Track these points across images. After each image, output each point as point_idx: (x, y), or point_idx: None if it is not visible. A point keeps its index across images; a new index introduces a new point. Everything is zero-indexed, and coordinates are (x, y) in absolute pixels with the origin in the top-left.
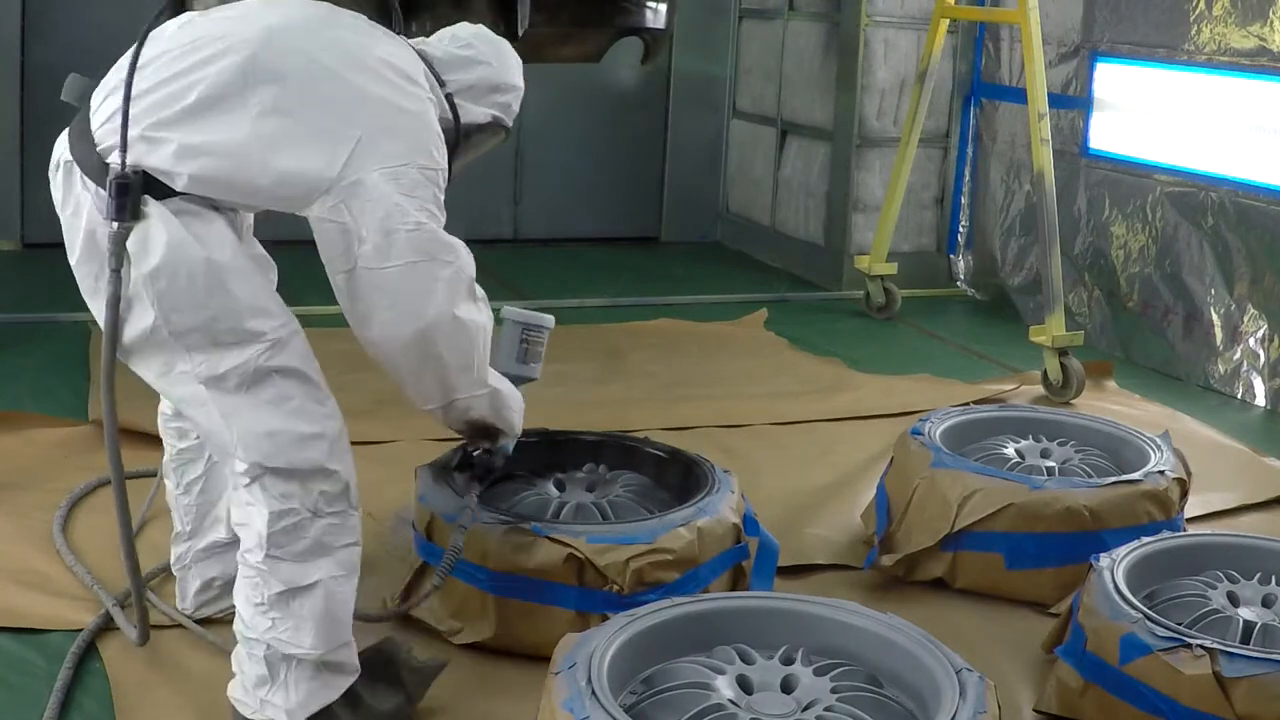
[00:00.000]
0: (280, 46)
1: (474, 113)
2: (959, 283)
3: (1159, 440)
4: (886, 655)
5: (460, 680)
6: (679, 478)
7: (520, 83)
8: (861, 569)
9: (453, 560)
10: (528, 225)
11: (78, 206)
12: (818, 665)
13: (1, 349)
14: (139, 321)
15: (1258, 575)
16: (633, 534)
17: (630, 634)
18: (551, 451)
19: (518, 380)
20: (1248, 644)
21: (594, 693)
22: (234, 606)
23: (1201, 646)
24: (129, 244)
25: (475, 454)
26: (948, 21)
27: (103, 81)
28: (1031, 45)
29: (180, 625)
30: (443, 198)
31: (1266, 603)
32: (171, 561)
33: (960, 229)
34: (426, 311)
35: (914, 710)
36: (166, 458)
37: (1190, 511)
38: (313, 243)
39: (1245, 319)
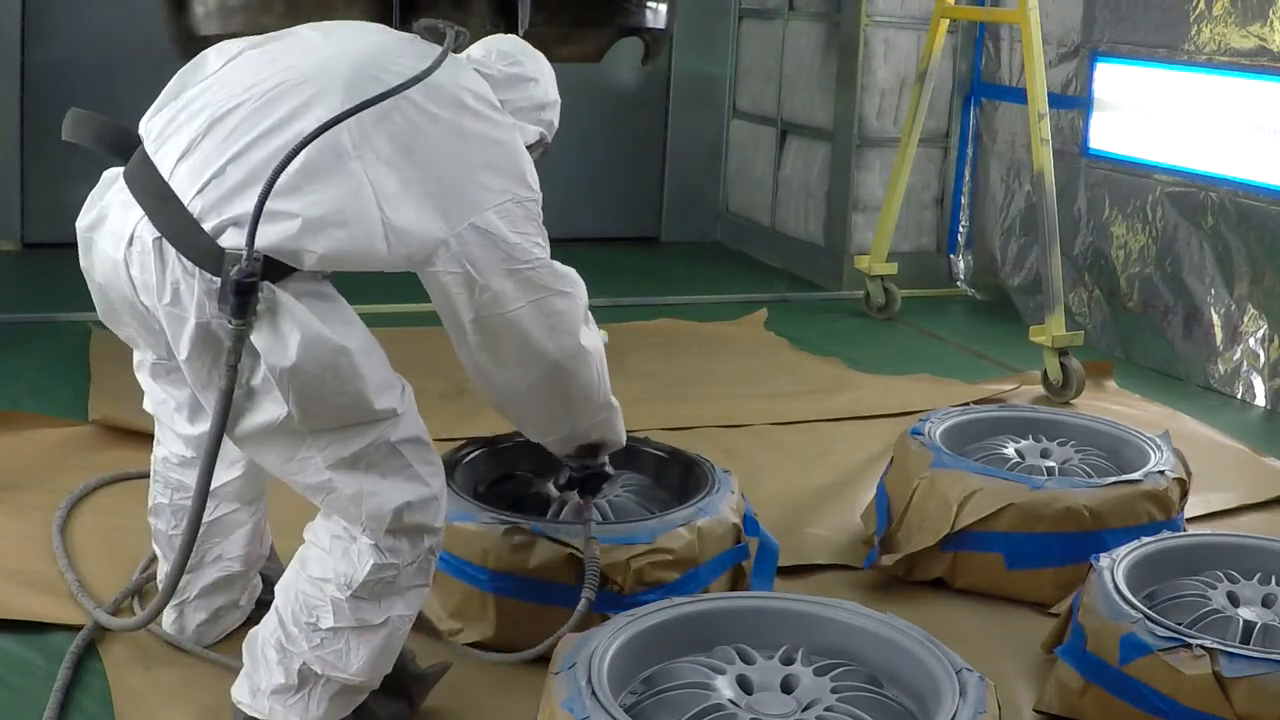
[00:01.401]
0: (370, 87)
1: (528, 133)
2: (959, 283)
3: (1159, 440)
4: (886, 655)
5: (460, 680)
6: (679, 478)
7: (558, 98)
8: (861, 569)
9: (595, 576)
10: None
11: (177, 294)
12: (818, 665)
13: (1, 349)
14: (265, 414)
15: (1258, 575)
16: (633, 534)
17: (630, 634)
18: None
19: None
20: (1248, 644)
21: (594, 693)
22: (231, 625)
23: (1201, 646)
24: (254, 338)
25: (580, 471)
26: (948, 21)
27: (163, 130)
28: (1031, 45)
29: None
30: (542, 224)
31: (1266, 603)
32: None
33: (960, 229)
34: (555, 347)
35: (914, 710)
36: (164, 500)
37: (1190, 511)
38: None
39: (1245, 319)
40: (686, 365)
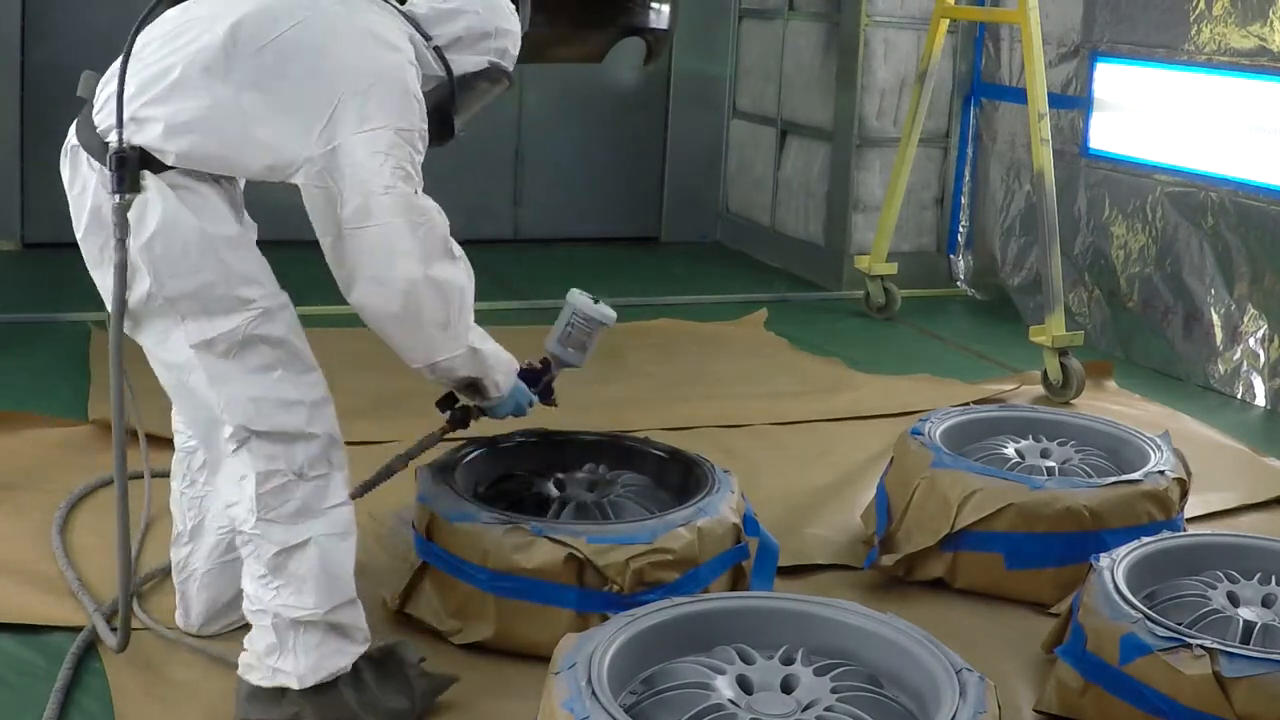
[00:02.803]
0: (261, 21)
1: (467, 63)
2: (959, 283)
3: (1159, 440)
4: (886, 655)
5: (461, 680)
6: (679, 478)
7: (513, 26)
8: (861, 569)
9: (380, 479)
10: (528, 225)
11: (84, 186)
12: (818, 665)
13: (1, 349)
14: (137, 289)
15: (1258, 575)
16: (633, 534)
17: (630, 634)
18: (551, 451)
19: (559, 362)
20: (1248, 644)
21: (594, 693)
22: (237, 620)
23: (1201, 646)
24: (130, 215)
25: (458, 405)
26: (948, 21)
27: (108, 70)
28: (1031, 45)
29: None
30: (420, 159)
31: (1266, 603)
32: (172, 567)
33: (960, 229)
34: (401, 272)
35: (914, 710)
36: (178, 446)
37: (1190, 511)
38: (312, 243)
39: (1245, 319)
40: (686, 365)
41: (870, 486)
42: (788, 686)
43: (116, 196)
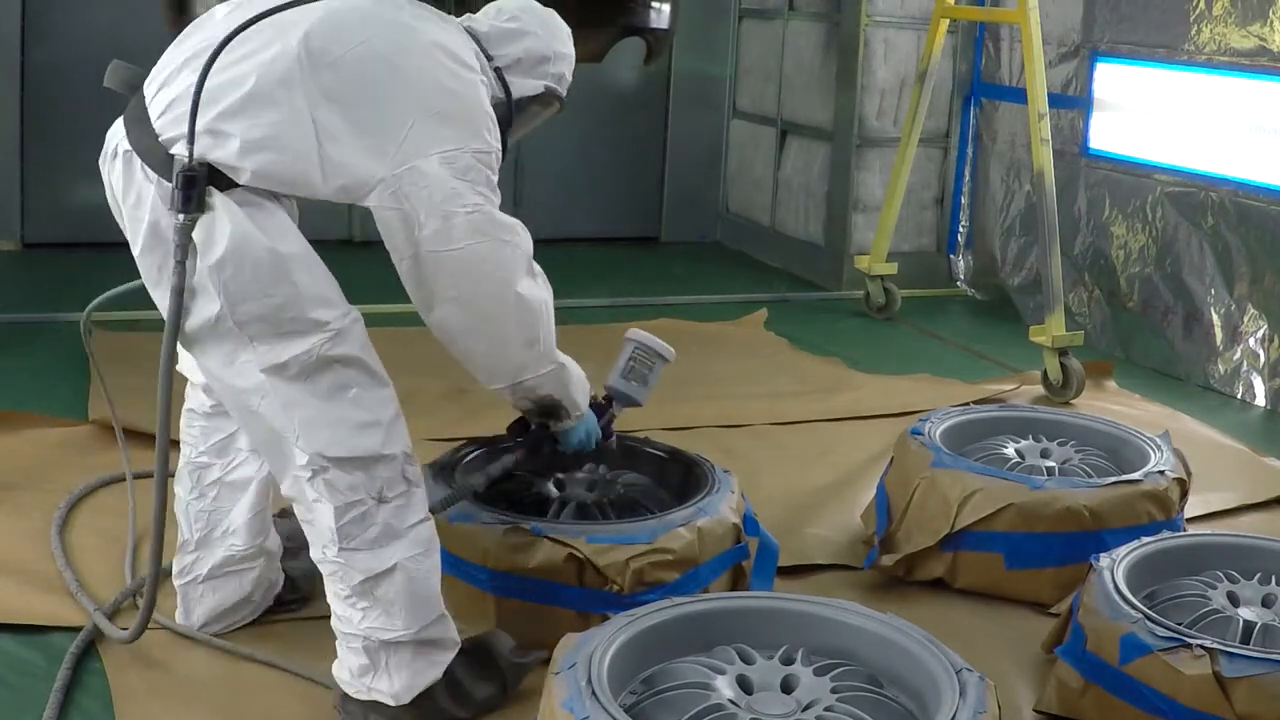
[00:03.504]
0: (333, 33)
1: (525, 86)
2: (959, 283)
3: (1159, 440)
4: (886, 655)
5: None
6: (679, 478)
7: (569, 50)
8: (861, 569)
9: (459, 497)
10: (528, 225)
11: (139, 198)
12: (818, 665)
13: (1, 349)
14: (204, 311)
15: (1258, 575)
16: (633, 534)
17: (630, 634)
18: (552, 451)
19: (622, 398)
20: (1248, 644)
21: (594, 693)
22: (240, 620)
23: (1201, 646)
24: (194, 235)
25: (532, 430)
26: (948, 21)
27: (155, 69)
28: (1031, 45)
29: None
30: (496, 179)
31: (1266, 603)
32: (174, 572)
33: (960, 229)
34: (489, 290)
35: (914, 710)
36: (182, 462)
37: (1190, 511)
38: (316, 241)
39: (1245, 319)
40: (686, 365)
41: (870, 486)
42: (788, 686)
43: (180, 215)
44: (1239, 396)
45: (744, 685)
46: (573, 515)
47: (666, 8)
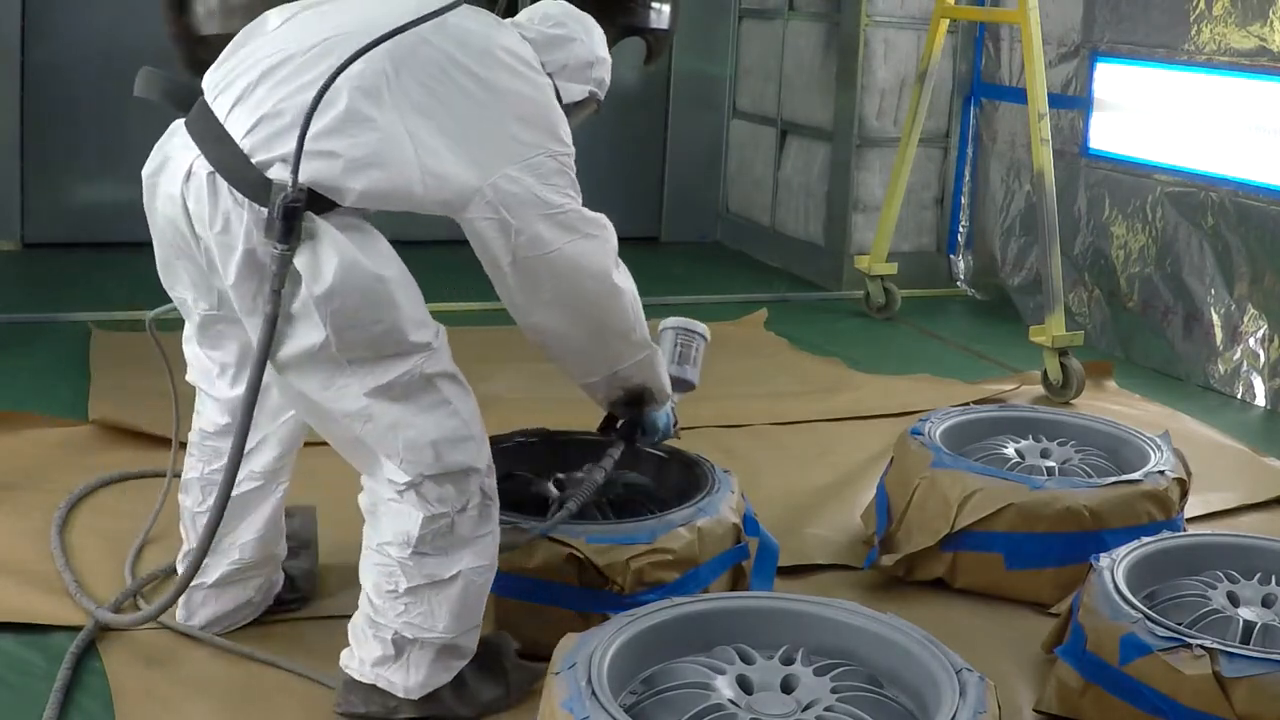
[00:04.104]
0: (415, 45)
1: (573, 91)
2: (959, 283)
3: (1159, 440)
4: (886, 655)
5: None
6: (679, 478)
7: (607, 55)
8: (861, 569)
9: (587, 494)
10: None
11: (228, 224)
12: (818, 665)
13: (1, 349)
14: (305, 339)
15: (1258, 575)
16: (633, 534)
17: (630, 634)
18: (551, 451)
19: (677, 384)
20: (1248, 644)
21: (594, 693)
22: (241, 621)
23: (1201, 646)
24: (297, 263)
25: (622, 422)
26: (948, 21)
27: (215, 81)
28: (1031, 45)
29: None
30: (574, 177)
31: (1266, 603)
32: (179, 575)
33: (960, 229)
34: (587, 287)
35: (914, 710)
36: (195, 475)
37: (1190, 511)
38: None
39: (1245, 319)
40: None
41: (870, 486)
42: (788, 686)
43: (277, 246)
44: (1239, 396)
45: (744, 685)
46: (573, 515)
47: (666, 8)
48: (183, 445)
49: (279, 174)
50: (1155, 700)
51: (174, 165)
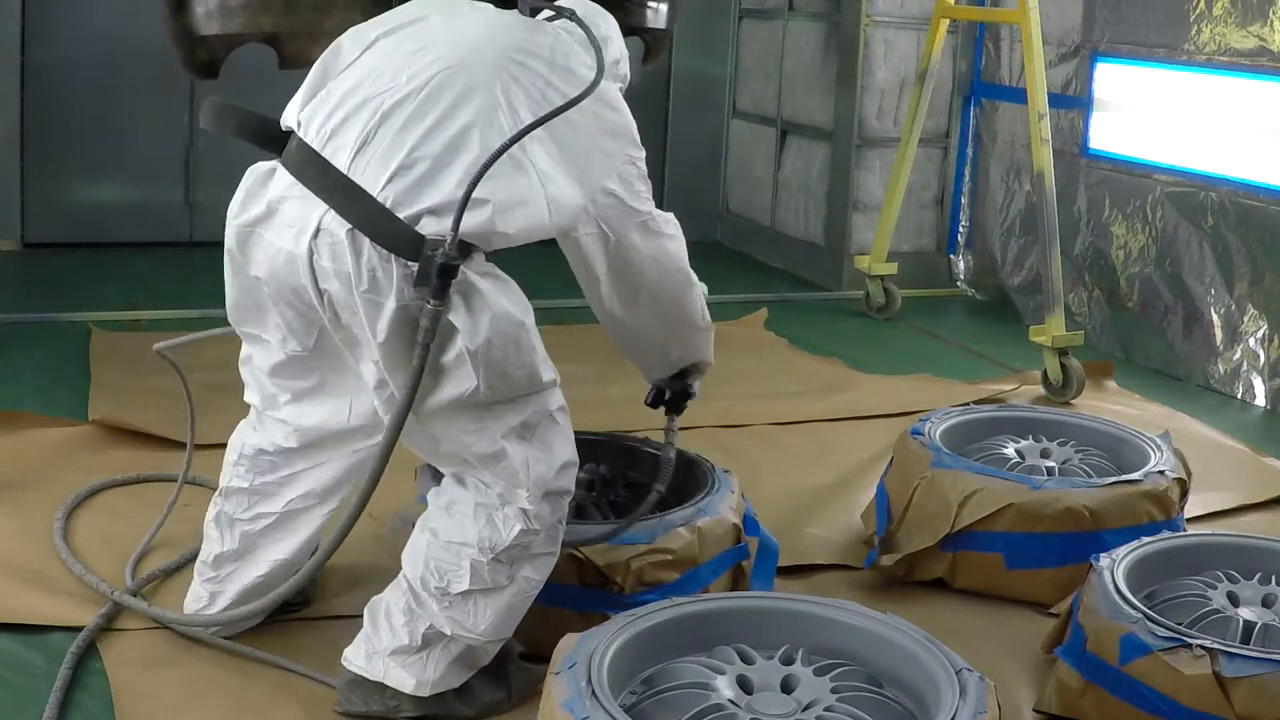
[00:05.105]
0: (512, 69)
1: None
2: (959, 283)
3: (1159, 440)
4: (886, 655)
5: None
6: (679, 478)
7: (625, 48)
8: (861, 569)
9: (667, 477)
10: None
11: (375, 281)
12: (818, 665)
13: (1, 349)
14: (456, 388)
15: (1258, 575)
16: (633, 534)
17: (630, 634)
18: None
19: None
20: (1248, 644)
21: (594, 693)
22: (249, 625)
23: (1201, 646)
24: (451, 317)
25: (670, 394)
26: (948, 21)
27: (323, 123)
28: (1031, 45)
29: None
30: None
31: (1266, 603)
32: (202, 568)
33: (960, 229)
34: (675, 284)
35: (914, 710)
36: (244, 485)
37: (1190, 511)
38: None
39: (1245, 319)
40: None
41: (870, 486)
42: (788, 686)
43: (430, 302)
44: (1239, 396)
45: (744, 685)
46: (573, 515)
47: (665, 7)
48: (180, 446)
49: (432, 228)
50: (1155, 700)
51: (290, 218)
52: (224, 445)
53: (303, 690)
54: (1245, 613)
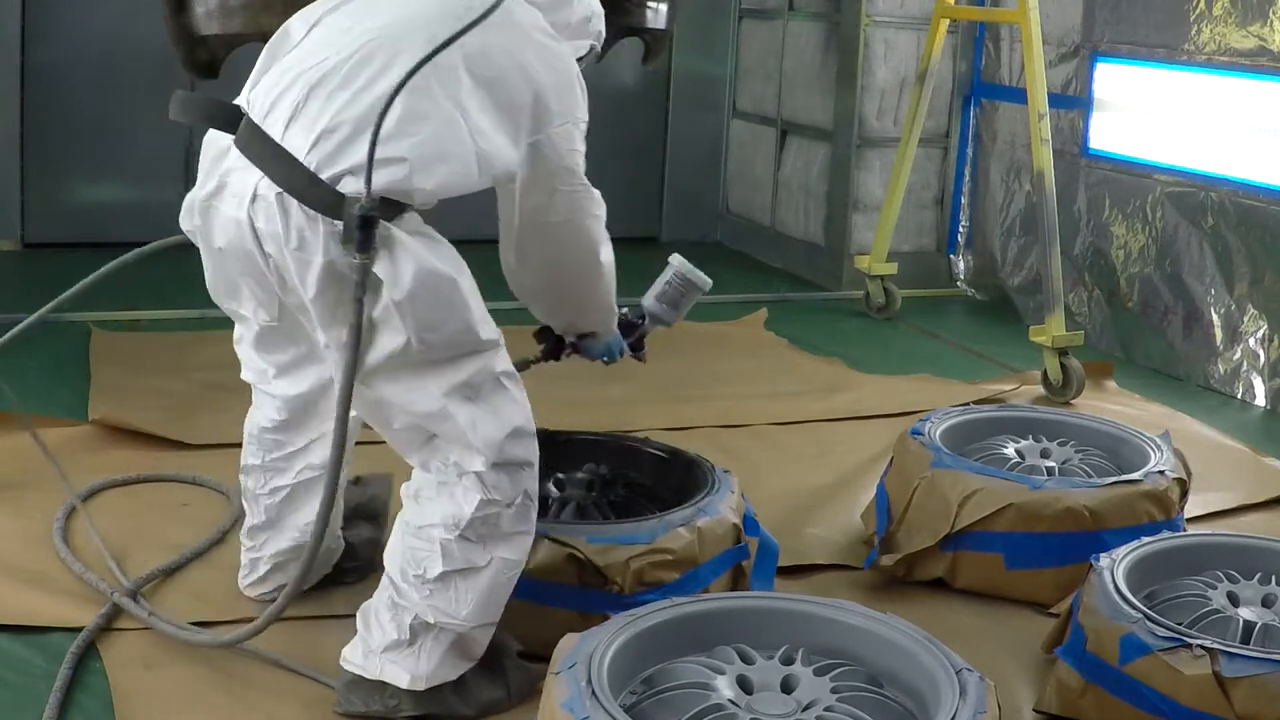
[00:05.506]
0: (447, 29)
1: (579, 47)
2: (959, 283)
3: (1159, 440)
4: (886, 655)
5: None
6: (679, 478)
7: (599, 7)
8: (861, 569)
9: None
10: None
11: (303, 240)
12: (818, 665)
13: (2, 349)
14: (388, 343)
15: (1258, 575)
16: (633, 534)
17: (630, 634)
18: (551, 451)
19: (653, 318)
20: (1248, 644)
21: (594, 693)
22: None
23: (1201, 646)
24: (376, 270)
25: (555, 337)
26: (948, 21)
27: (265, 99)
28: (1031, 45)
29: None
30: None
31: (1266, 603)
32: (242, 544)
33: (960, 229)
34: (577, 260)
35: (914, 710)
36: (256, 461)
37: (1190, 511)
38: None
39: (1245, 319)
40: (686, 365)
41: (870, 486)
42: (788, 686)
43: (358, 255)
44: (1239, 396)
45: (744, 685)
46: (573, 515)
47: (664, 7)
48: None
49: (351, 186)
50: (1155, 700)
51: (235, 188)
52: (224, 445)
53: (303, 690)
54: (1245, 613)
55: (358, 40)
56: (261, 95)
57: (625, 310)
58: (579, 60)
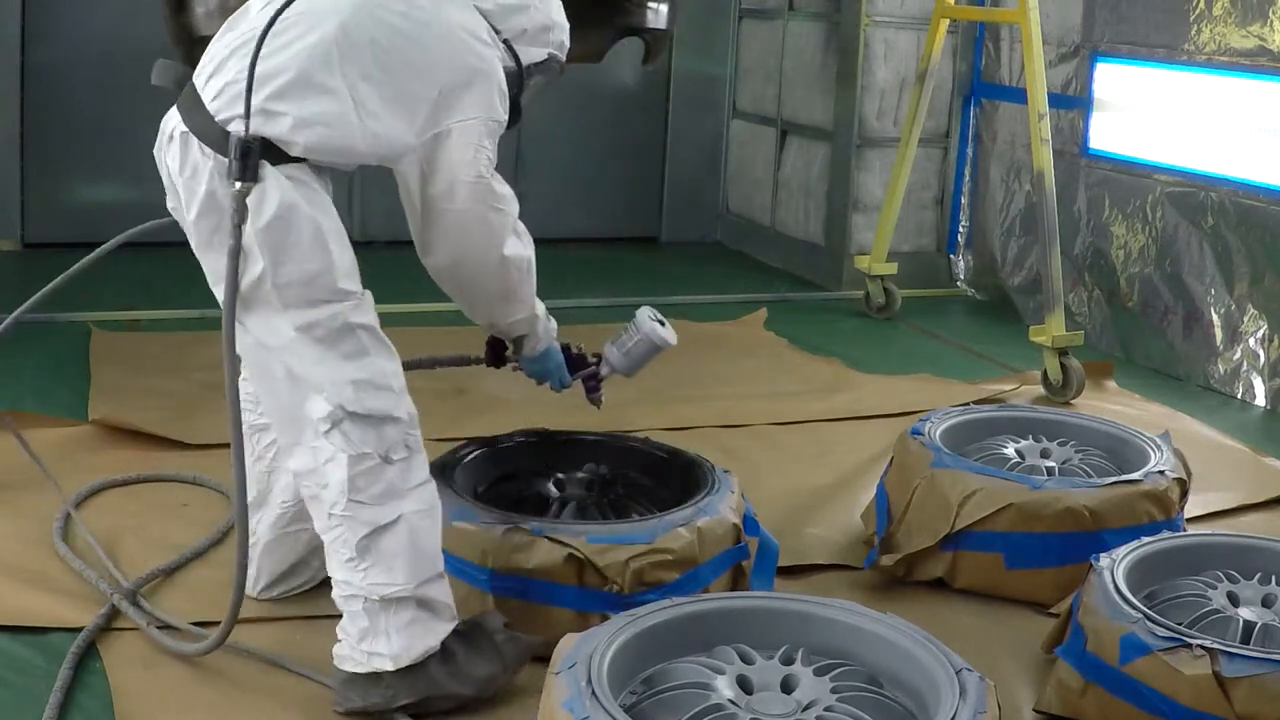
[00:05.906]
0: (363, 19)
1: (532, 54)
2: (959, 283)
3: (1159, 440)
4: (886, 655)
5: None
6: (679, 478)
7: (564, 20)
8: (861, 569)
9: (417, 364)
10: (528, 225)
11: (195, 171)
12: (818, 665)
13: (1, 349)
14: (250, 271)
15: (1258, 575)
16: (633, 534)
17: (630, 634)
18: (551, 451)
19: (608, 365)
20: (1248, 644)
21: (594, 693)
22: (301, 586)
23: (1201, 646)
24: (249, 200)
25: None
26: (948, 21)
27: (203, 61)
28: (1031, 45)
29: (176, 626)
30: (496, 147)
31: (1266, 603)
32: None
33: (960, 229)
34: (477, 252)
35: (914, 710)
36: (249, 422)
37: (1190, 511)
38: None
39: (1245, 319)
40: (686, 365)
41: (870, 486)
42: (788, 686)
43: (236, 184)
44: (1239, 396)
45: (744, 685)
46: (573, 515)
47: (665, 8)
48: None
49: (237, 128)
50: (1155, 700)
51: (163, 135)
52: (224, 445)
53: (303, 690)
54: (1245, 613)
55: (289, 16)
56: (205, 60)
57: (579, 348)
58: (537, 66)
